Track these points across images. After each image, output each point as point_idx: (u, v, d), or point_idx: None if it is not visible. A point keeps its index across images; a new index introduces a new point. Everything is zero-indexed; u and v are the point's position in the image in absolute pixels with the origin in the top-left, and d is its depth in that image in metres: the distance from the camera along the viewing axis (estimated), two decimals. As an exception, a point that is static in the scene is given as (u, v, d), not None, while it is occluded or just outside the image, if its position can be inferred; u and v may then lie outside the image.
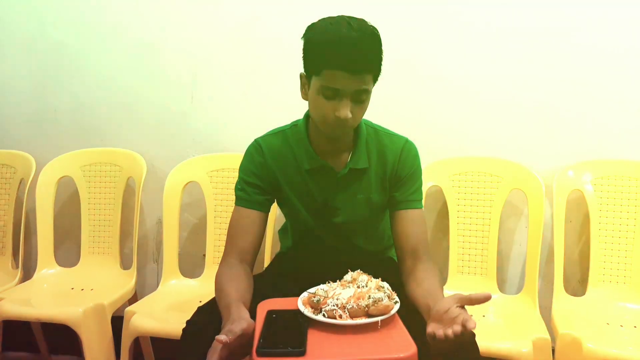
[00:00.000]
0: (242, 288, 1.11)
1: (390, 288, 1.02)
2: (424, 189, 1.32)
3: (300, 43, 1.14)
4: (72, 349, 1.96)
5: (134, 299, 1.76)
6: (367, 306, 0.95)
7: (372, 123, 1.31)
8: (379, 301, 0.95)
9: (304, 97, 1.19)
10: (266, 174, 1.27)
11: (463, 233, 1.72)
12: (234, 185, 1.29)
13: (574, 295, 1.65)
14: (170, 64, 1.90)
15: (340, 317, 0.95)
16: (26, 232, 1.94)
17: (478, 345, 1.06)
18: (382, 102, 1.71)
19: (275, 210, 1.64)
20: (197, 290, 1.74)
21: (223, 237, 1.31)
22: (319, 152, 1.24)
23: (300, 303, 1.01)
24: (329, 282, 1.06)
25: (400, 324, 0.96)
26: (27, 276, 1.87)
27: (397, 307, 0.98)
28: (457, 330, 0.89)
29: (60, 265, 1.92)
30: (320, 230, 1.31)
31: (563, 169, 1.68)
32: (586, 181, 1.67)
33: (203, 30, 1.86)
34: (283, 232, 1.48)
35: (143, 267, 2.02)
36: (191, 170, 1.85)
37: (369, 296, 0.96)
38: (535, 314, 1.53)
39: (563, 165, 1.69)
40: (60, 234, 1.98)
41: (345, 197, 1.27)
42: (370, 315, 0.95)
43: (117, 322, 1.59)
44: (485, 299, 0.95)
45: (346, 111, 1.09)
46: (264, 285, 1.22)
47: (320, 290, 1.02)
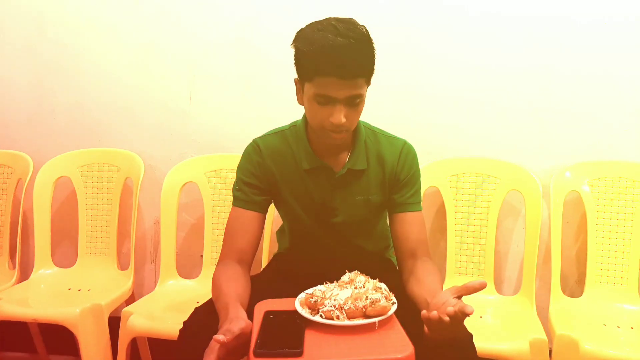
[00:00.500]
0: (239, 288, 1.11)
1: (387, 289, 1.02)
2: (422, 190, 1.32)
3: None
4: (69, 350, 1.96)
5: (131, 300, 1.75)
6: (364, 307, 0.95)
7: (370, 125, 1.31)
8: (376, 302, 0.96)
9: (300, 102, 1.19)
10: (264, 174, 1.27)
11: (461, 234, 1.72)
12: (231, 185, 1.29)
13: (571, 296, 1.65)
14: (168, 65, 1.90)
15: (337, 317, 0.95)
16: (23, 232, 1.93)
17: (475, 346, 1.06)
18: (379, 103, 1.72)
19: (272, 211, 1.63)
20: (195, 291, 1.74)
21: (221, 238, 1.31)
22: (318, 153, 1.25)
23: (298, 304, 1.01)
24: (326, 283, 1.07)
25: (397, 325, 0.96)
26: (24, 276, 1.87)
27: (394, 308, 0.98)
28: (450, 312, 0.90)
29: (57, 266, 1.91)
30: (317, 231, 1.31)
31: (560, 170, 1.68)
32: (583, 182, 1.67)
33: (201, 31, 1.86)
34: (280, 233, 1.48)
35: (140, 267, 2.02)
36: (189, 170, 1.85)
37: (367, 297, 0.96)
38: (532, 315, 1.53)
39: (560, 166, 1.69)
40: (57, 234, 1.98)
41: (343, 198, 1.27)
42: (367, 316, 0.95)
43: (115, 322, 1.58)
44: (481, 286, 0.95)
45: (340, 117, 1.09)
46: (261, 286, 1.21)
47: (317, 291, 1.03)
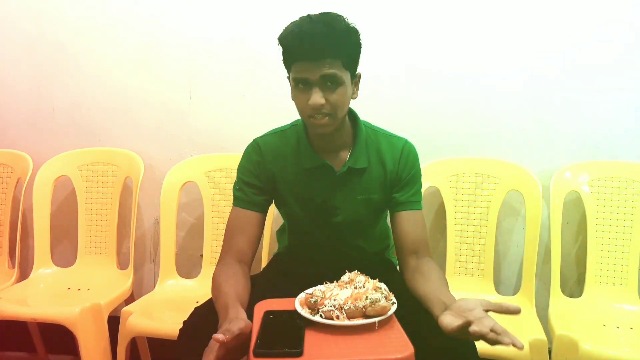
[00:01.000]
0: (239, 288, 1.11)
1: (387, 289, 1.02)
2: (422, 189, 1.32)
3: None
4: (68, 349, 1.96)
5: (130, 299, 1.75)
6: (364, 307, 0.95)
7: (371, 124, 1.31)
8: (376, 302, 0.96)
9: (292, 98, 1.20)
10: (264, 174, 1.27)
11: (460, 234, 1.72)
12: (231, 185, 1.29)
13: (571, 297, 1.65)
14: (168, 64, 1.90)
15: (337, 317, 0.95)
16: (23, 231, 1.93)
17: (476, 346, 1.06)
18: (380, 103, 1.72)
19: (273, 210, 1.64)
20: (195, 291, 1.74)
21: (220, 238, 1.31)
22: (318, 151, 1.25)
23: (298, 304, 1.01)
24: (326, 283, 1.07)
25: (397, 325, 0.96)
26: (23, 276, 1.87)
27: (394, 308, 0.98)
28: (492, 337, 0.87)
29: (57, 265, 1.91)
30: (318, 231, 1.31)
31: (560, 170, 1.68)
32: (583, 182, 1.67)
33: (201, 30, 1.86)
34: (280, 232, 1.48)
35: (140, 267, 2.02)
36: (189, 170, 1.85)
37: (367, 297, 0.96)
38: (532, 315, 1.53)
39: (560, 167, 1.69)
40: (57, 234, 1.98)
41: (344, 197, 1.27)
42: (367, 316, 0.95)
43: (114, 322, 1.58)
44: (515, 311, 0.93)
45: (316, 98, 1.11)
46: (261, 286, 1.21)
47: (317, 291, 1.03)
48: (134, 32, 1.90)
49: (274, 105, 1.83)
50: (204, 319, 1.09)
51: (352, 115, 1.28)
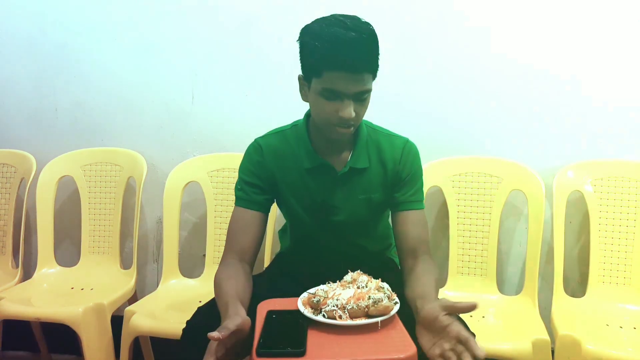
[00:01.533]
0: (240, 287, 1.11)
1: (390, 289, 1.02)
2: (424, 189, 1.32)
3: None
4: (71, 349, 1.97)
5: (133, 299, 1.76)
6: (367, 307, 0.95)
7: (372, 124, 1.31)
8: (378, 302, 0.96)
9: (304, 98, 1.19)
10: (265, 173, 1.27)
11: (463, 234, 1.72)
12: (234, 185, 1.29)
13: (574, 296, 1.65)
14: (171, 64, 1.90)
15: (340, 317, 0.95)
16: (26, 231, 1.94)
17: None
18: (382, 102, 1.71)
19: (275, 210, 1.64)
20: (197, 290, 1.74)
21: (223, 237, 1.31)
22: (319, 151, 1.25)
23: (300, 303, 1.01)
24: (328, 283, 1.07)
25: (400, 325, 0.96)
26: (27, 275, 1.87)
27: (397, 307, 0.98)
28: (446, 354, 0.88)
29: (60, 265, 1.92)
30: (319, 230, 1.31)
31: (563, 170, 1.68)
32: (586, 182, 1.67)
33: (203, 30, 1.86)
34: (283, 232, 1.48)
35: (143, 266, 2.02)
36: (191, 170, 1.86)
37: (369, 297, 0.96)
38: (534, 315, 1.53)
39: (563, 166, 1.69)
40: (60, 234, 1.98)
41: (345, 197, 1.27)
42: (370, 316, 0.96)
43: (117, 321, 1.59)
44: (470, 308, 0.93)
45: (350, 111, 1.09)
46: (263, 286, 1.22)
47: (320, 290, 1.03)
48: (137, 32, 1.90)
49: (276, 105, 1.84)
50: (207, 318, 1.09)
51: None
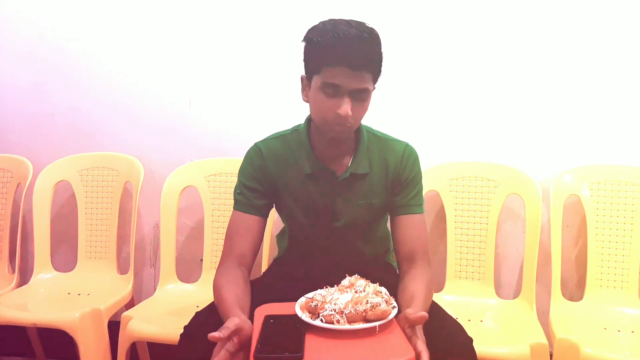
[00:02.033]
0: (239, 292, 1.11)
1: (388, 293, 1.02)
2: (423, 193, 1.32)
3: (300, 47, 1.14)
4: (68, 355, 1.95)
5: (130, 304, 1.75)
6: (364, 311, 0.95)
7: (372, 129, 1.31)
8: (376, 306, 0.95)
9: (305, 99, 1.19)
10: (265, 178, 1.27)
11: (460, 238, 1.72)
12: (232, 189, 1.29)
13: (571, 300, 1.65)
14: (168, 69, 1.90)
15: (337, 322, 0.94)
16: (23, 236, 1.93)
17: (475, 351, 1.06)
18: (380, 106, 1.72)
19: (273, 214, 1.64)
20: (195, 295, 1.73)
21: (221, 242, 1.31)
22: (320, 156, 1.25)
23: (298, 308, 1.01)
24: (326, 287, 1.06)
25: (398, 329, 0.96)
26: (23, 281, 1.87)
27: (394, 312, 0.98)
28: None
29: (56, 270, 1.91)
30: (318, 235, 1.31)
31: (560, 174, 1.68)
32: (583, 186, 1.67)
33: (202, 34, 1.86)
34: (281, 236, 1.48)
35: (140, 271, 2.02)
36: (189, 174, 1.85)
37: (367, 301, 0.96)
38: (532, 319, 1.53)
39: (560, 170, 1.69)
40: (57, 239, 1.98)
41: (345, 202, 1.27)
42: (367, 320, 0.95)
43: (114, 327, 1.58)
44: (418, 320, 0.92)
45: (347, 108, 1.09)
46: (261, 290, 1.21)
47: (317, 295, 1.02)
48: (134, 36, 1.90)
49: (274, 109, 1.84)
50: (205, 323, 1.09)
51: None
